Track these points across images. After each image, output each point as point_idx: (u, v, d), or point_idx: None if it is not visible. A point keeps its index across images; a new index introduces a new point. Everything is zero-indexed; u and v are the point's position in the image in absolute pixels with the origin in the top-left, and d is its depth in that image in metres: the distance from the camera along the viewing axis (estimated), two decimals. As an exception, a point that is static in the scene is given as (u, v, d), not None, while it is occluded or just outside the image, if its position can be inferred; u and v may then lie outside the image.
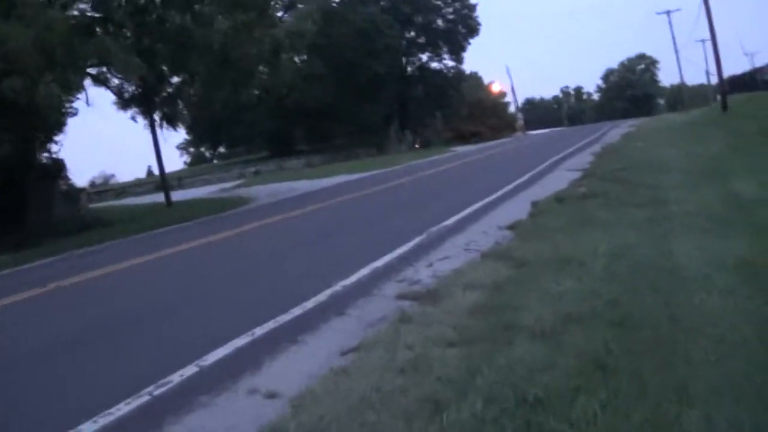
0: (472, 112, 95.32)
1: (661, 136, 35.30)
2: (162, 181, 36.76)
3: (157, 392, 5.87)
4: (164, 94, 34.67)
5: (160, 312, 9.50)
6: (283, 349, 6.63)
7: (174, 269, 13.86)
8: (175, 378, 6.14)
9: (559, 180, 18.57)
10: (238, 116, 74.11)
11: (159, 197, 37.00)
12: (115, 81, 34.29)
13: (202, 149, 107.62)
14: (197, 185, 58.01)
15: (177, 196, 39.05)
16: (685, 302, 6.14)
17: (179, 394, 5.76)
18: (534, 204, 14.11)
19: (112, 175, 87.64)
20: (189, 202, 35.50)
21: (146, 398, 5.76)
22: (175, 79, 34.87)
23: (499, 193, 17.73)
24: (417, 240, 11.92)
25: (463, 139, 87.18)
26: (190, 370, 6.34)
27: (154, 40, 29.16)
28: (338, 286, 9.04)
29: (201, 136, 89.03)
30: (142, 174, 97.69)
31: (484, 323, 6.26)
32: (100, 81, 33.94)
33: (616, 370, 4.73)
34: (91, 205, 40.90)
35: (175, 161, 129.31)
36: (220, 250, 15.65)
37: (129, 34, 29.74)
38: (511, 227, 11.88)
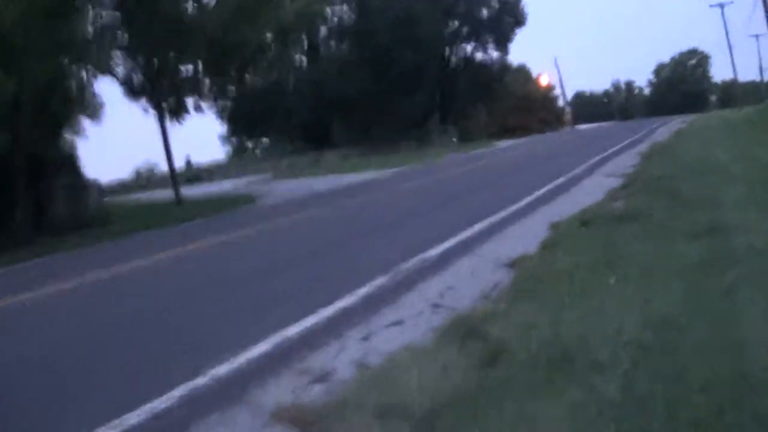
0: (519, 105, 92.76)
1: (715, 134, 31.70)
2: (171, 178, 34.19)
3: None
4: (168, 83, 32.10)
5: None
6: None
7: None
8: None
9: (595, 189, 15.23)
10: (273, 107, 72.07)
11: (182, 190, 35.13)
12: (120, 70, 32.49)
13: (244, 140, 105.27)
14: (228, 177, 56.87)
15: (198, 190, 39.80)
16: None
17: None
18: (553, 226, 10.73)
19: (156, 164, 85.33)
20: (201, 200, 33.61)
21: None
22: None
23: (518, 205, 14.40)
24: (373, 284, 8.54)
25: (509, 132, 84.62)
26: None
27: (144, 25, 26.55)
28: (206, 376, 5.98)
29: (237, 127, 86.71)
30: (181, 163, 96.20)
31: None
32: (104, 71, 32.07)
33: None
34: (107, 199, 38.95)
35: (216, 151, 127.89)
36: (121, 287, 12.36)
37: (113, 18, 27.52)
38: (511, 265, 8.58)
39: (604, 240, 8.99)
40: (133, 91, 34.02)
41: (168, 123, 33.31)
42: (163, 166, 49.64)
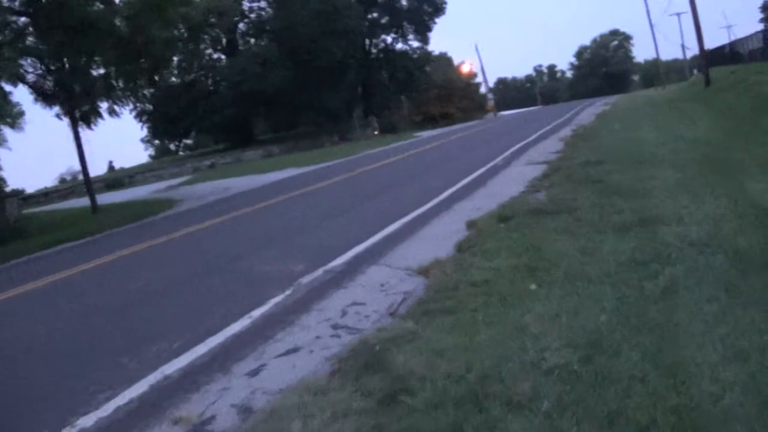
0: (442, 94, 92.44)
1: (639, 115, 31.30)
2: (86, 186, 32.91)
3: None
4: (79, 88, 30.80)
5: None
6: None
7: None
8: None
9: (516, 179, 14.48)
10: (193, 106, 70.93)
11: (99, 198, 33.70)
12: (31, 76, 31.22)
13: (167, 141, 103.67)
14: (148, 181, 54.97)
15: (117, 196, 39.52)
16: None
17: None
18: (470, 224, 9.92)
19: (79, 171, 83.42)
20: (117, 206, 32.73)
21: None
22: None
23: (436, 200, 13.58)
24: (272, 303, 7.63)
25: (433, 122, 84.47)
26: None
27: (50, 27, 25.30)
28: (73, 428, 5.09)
29: (158, 129, 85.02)
30: (103, 169, 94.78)
31: None
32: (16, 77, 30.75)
33: None
34: (28, 210, 39.09)
35: (139, 154, 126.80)
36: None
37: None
38: (423, 272, 7.75)
39: (525, 238, 8.20)
40: (44, 97, 32.84)
41: (83, 128, 32.19)
42: (89, 172, 48.71)
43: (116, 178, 60.83)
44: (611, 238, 7.40)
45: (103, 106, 32.94)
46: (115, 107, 33.44)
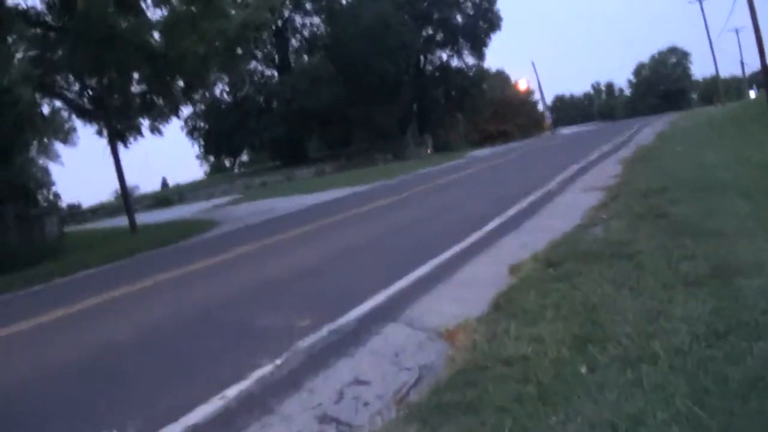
0: (498, 111, 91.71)
1: (701, 135, 29.83)
2: (125, 204, 32.26)
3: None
4: (117, 104, 30.07)
5: None
6: None
7: None
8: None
9: (571, 208, 13.01)
10: (245, 124, 70.62)
11: (144, 217, 35.54)
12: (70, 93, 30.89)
13: (222, 157, 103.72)
14: (197, 199, 55.86)
15: (163, 214, 39.79)
16: None
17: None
18: (513, 269, 8.42)
19: (136, 187, 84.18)
20: (156, 226, 32.18)
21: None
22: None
23: (479, 233, 12.03)
24: (257, 375, 6.02)
25: (490, 139, 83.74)
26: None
27: (78, 41, 24.40)
28: None
29: (210, 145, 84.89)
30: (157, 185, 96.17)
31: None
32: (52, 93, 30.21)
33: None
34: (69, 228, 39.35)
35: (195, 171, 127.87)
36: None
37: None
38: (450, 335, 6.31)
39: (576, 292, 6.67)
40: (81, 113, 32.26)
41: (127, 145, 31.73)
42: (143, 188, 48.60)
43: (165, 196, 60.89)
44: (682, 295, 5.91)
45: (145, 123, 32.39)
46: (157, 125, 32.80)
